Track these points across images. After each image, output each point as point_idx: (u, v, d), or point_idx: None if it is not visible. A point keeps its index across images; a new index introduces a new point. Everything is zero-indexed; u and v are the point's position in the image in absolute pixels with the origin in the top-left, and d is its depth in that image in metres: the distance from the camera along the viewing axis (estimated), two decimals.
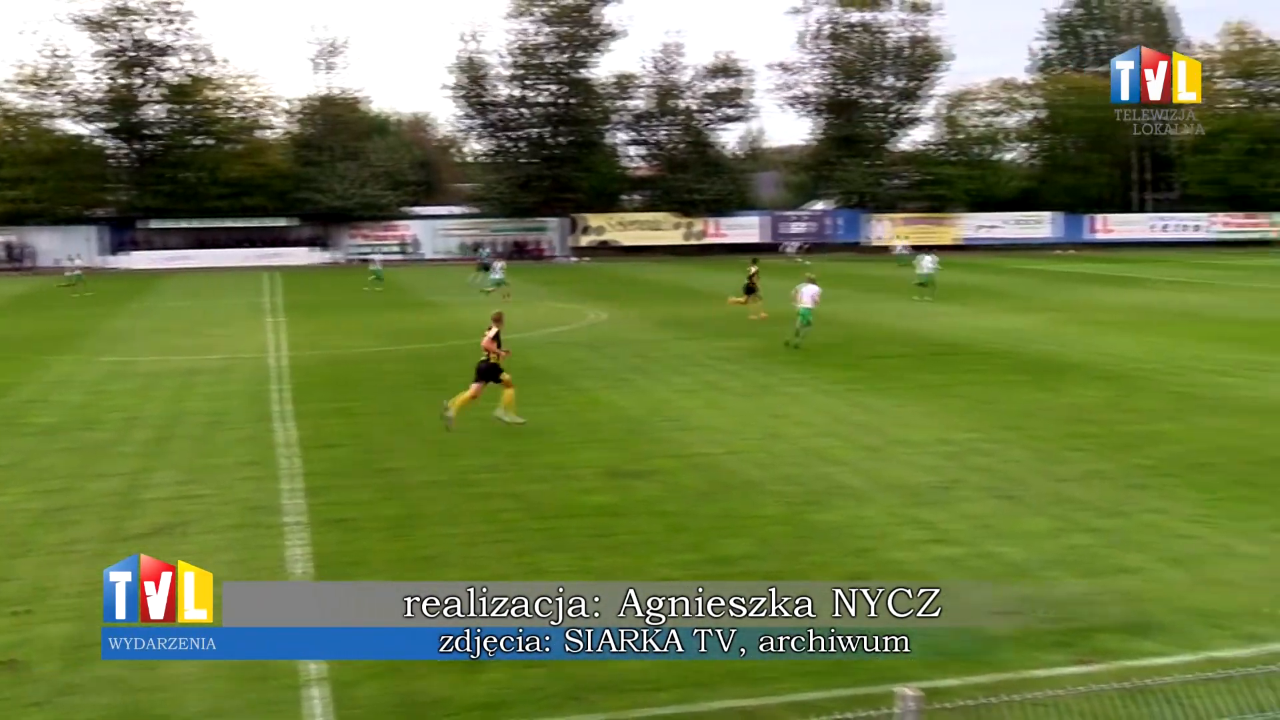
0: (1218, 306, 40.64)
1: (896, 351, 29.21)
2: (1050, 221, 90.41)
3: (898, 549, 12.66)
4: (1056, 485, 15.34)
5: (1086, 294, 47.25)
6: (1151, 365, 26.19)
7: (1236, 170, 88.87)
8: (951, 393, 22.77)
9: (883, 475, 16.02)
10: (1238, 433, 18.54)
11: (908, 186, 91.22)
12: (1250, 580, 11.50)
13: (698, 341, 31.79)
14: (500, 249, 59.75)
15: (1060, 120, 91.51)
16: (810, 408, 21.37)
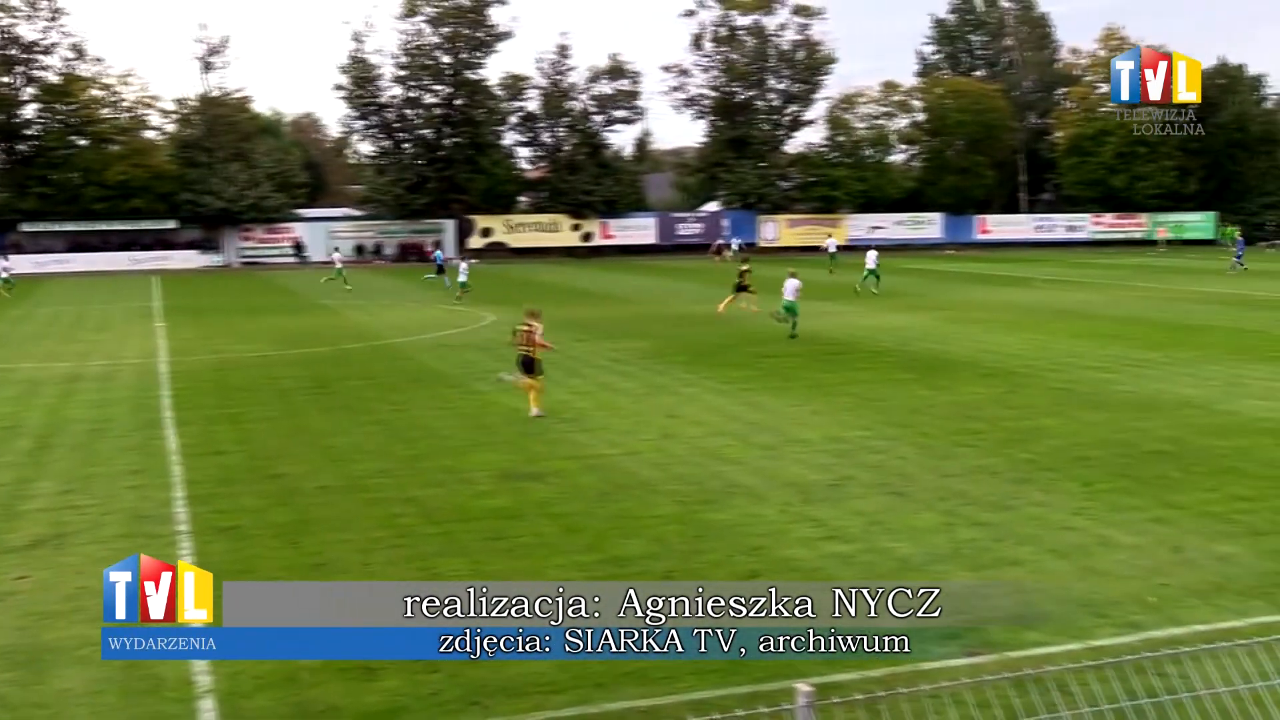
0: (1095, 305, 41.82)
1: (789, 351, 29.53)
2: (936, 222, 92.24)
3: (791, 546, 12.79)
4: (944, 481, 15.63)
5: (971, 293, 48.28)
6: (1034, 362, 26.85)
7: (1112, 173, 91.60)
8: (843, 391, 23.08)
9: (776, 474, 16.17)
10: (1116, 427, 19.09)
11: (798, 188, 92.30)
12: (1129, 570, 11.84)
13: (592, 343, 31.79)
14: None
15: (943, 123, 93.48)
16: (704, 407, 21.49)
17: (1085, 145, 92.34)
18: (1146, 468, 16.24)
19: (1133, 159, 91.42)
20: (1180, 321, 35.63)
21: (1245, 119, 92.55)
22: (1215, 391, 22.49)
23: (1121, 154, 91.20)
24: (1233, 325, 34.31)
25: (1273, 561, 12.02)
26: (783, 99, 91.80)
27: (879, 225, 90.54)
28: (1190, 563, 12.05)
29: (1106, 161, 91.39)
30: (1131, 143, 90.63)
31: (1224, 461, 16.55)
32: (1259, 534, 13.00)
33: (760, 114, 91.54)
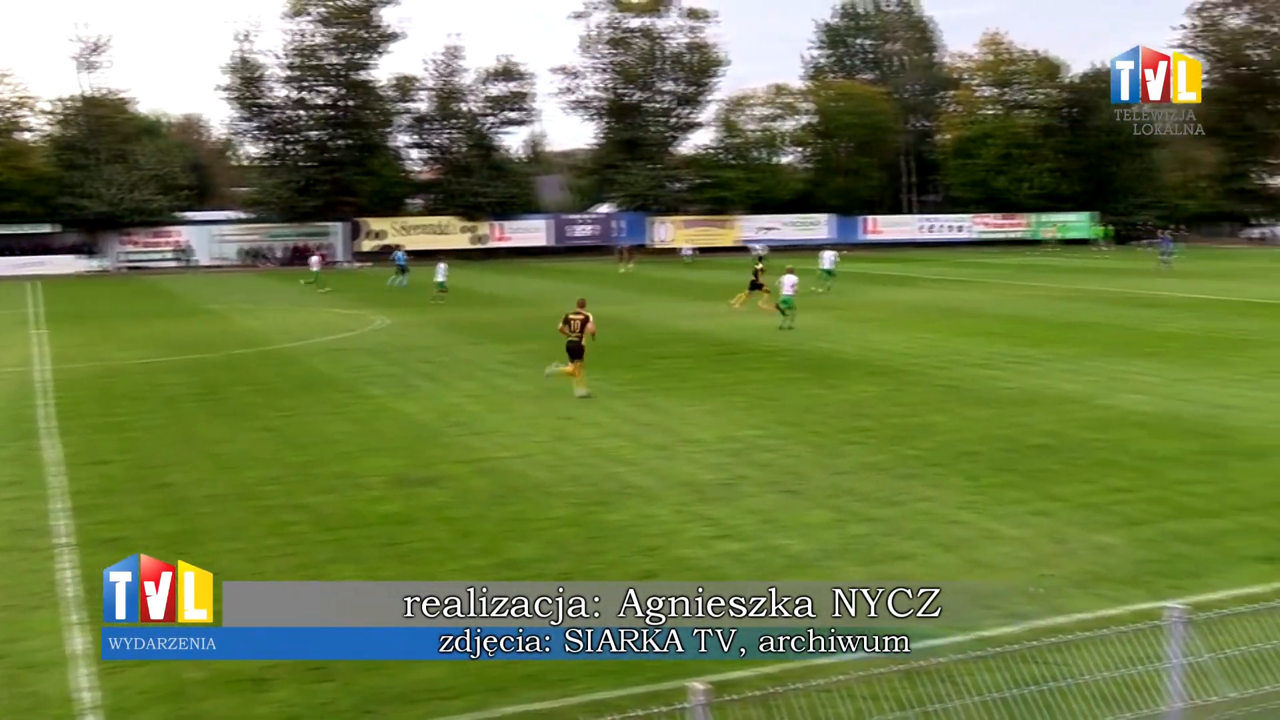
0: (980, 303, 42.76)
1: (682, 352, 29.68)
2: (826, 223, 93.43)
3: (686, 546, 12.86)
4: (835, 478, 15.86)
5: (861, 293, 49.02)
6: (921, 360, 27.36)
7: (994, 174, 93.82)
8: (735, 391, 23.27)
9: (670, 474, 16.25)
10: (1000, 422, 19.55)
11: (690, 189, 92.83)
12: (1013, 562, 12.13)
13: (485, 346, 31.62)
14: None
15: (832, 125, 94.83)
16: (598, 409, 21.50)
17: (968, 147, 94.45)
18: (1029, 462, 16.65)
19: (1014, 161, 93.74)
20: (1061, 319, 36.60)
21: (1120, 122, 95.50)
22: (1094, 387, 23.14)
23: (1003, 156, 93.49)
24: (1111, 322, 35.34)
25: (1148, 550, 12.41)
26: (674, 101, 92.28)
27: (770, 226, 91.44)
28: (1071, 553, 12.38)
29: (989, 163, 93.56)
30: (1012, 144, 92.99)
31: (1102, 454, 17.04)
32: (1135, 524, 13.41)
33: (652, 116, 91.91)
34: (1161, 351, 28.23)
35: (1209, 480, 15.38)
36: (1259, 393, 22.10)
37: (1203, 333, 32.19)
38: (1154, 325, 34.32)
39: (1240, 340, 30.30)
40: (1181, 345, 29.40)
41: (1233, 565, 11.91)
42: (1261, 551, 12.32)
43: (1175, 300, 42.38)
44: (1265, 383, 23.31)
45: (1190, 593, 10.94)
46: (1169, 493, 14.77)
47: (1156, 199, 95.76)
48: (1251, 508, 14.02)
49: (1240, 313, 37.76)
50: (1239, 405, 20.75)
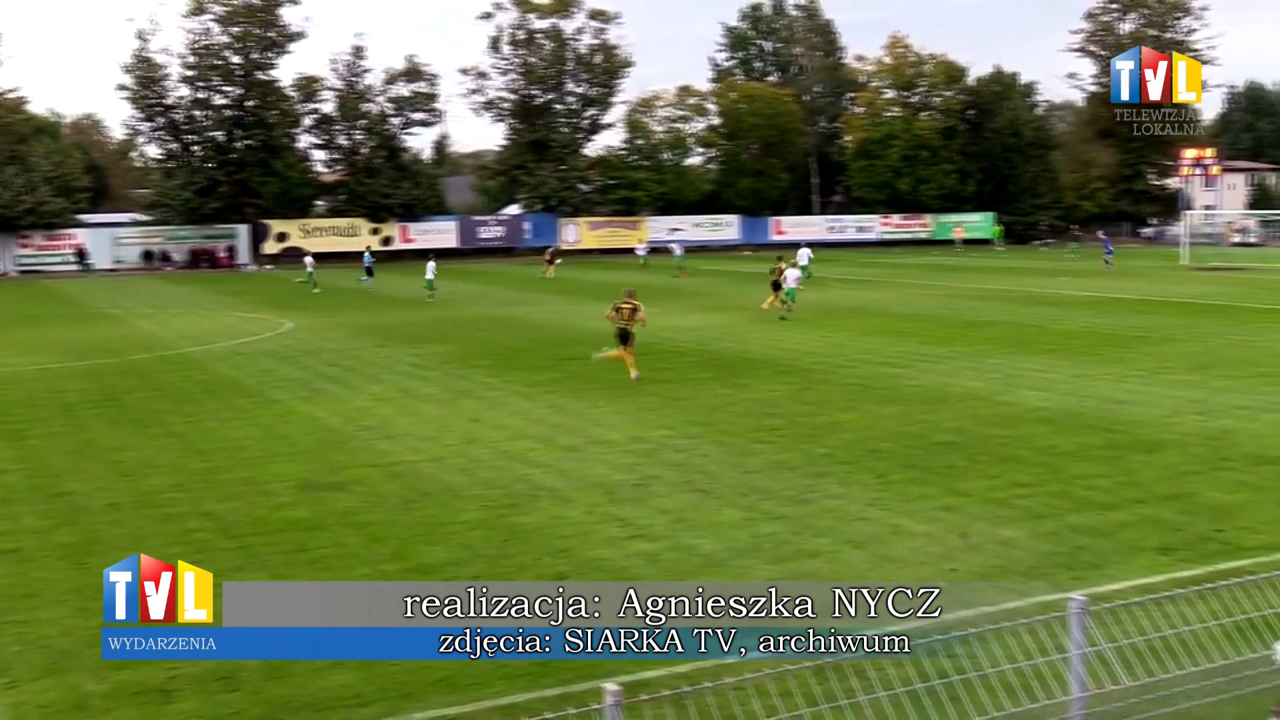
0: (886, 303, 43.37)
1: (589, 353, 29.66)
2: (733, 224, 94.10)
3: (598, 547, 12.86)
4: (745, 477, 15.96)
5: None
6: (829, 359, 27.67)
7: (897, 175, 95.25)
8: (645, 392, 23.33)
9: (581, 475, 16.24)
10: (906, 420, 19.84)
11: (598, 190, 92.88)
12: (920, 557, 12.32)
13: (393, 348, 31.32)
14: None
15: (738, 126, 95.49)
16: (508, 411, 21.42)
17: (872, 149, 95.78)
18: (935, 458, 16.92)
19: (916, 162, 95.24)
20: (964, 317, 37.26)
21: (1019, 124, 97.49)
22: (996, 384, 23.59)
23: (906, 157, 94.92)
24: (1012, 320, 36.07)
25: (1050, 543, 12.68)
26: (581, 102, 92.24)
27: (678, 227, 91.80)
28: (977, 547, 12.61)
29: (893, 164, 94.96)
30: (915, 146, 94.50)
31: (1005, 450, 17.38)
32: (1037, 517, 13.70)
33: (559, 117, 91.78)
34: (1061, 349, 28.87)
35: (1107, 474, 15.76)
36: (1152, 388, 22.71)
37: (1100, 330, 32.99)
38: (1053, 323, 35.09)
39: (1134, 337, 31.11)
40: (1080, 342, 30.10)
41: (1130, 556, 12.22)
42: (1157, 542, 12.66)
43: (1073, 299, 43.38)
44: (1158, 378, 23.97)
45: (1091, 584, 11.19)
46: (1070, 486, 15.11)
47: (1055, 200, 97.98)
48: (1147, 500, 14.40)
49: (1134, 310, 38.77)
50: (1134, 400, 21.31)
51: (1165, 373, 24.64)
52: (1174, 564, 11.90)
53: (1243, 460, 16.42)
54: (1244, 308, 38.70)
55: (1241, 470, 15.84)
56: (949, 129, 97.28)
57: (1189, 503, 14.26)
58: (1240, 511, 13.81)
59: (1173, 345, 29.22)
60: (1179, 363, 26.02)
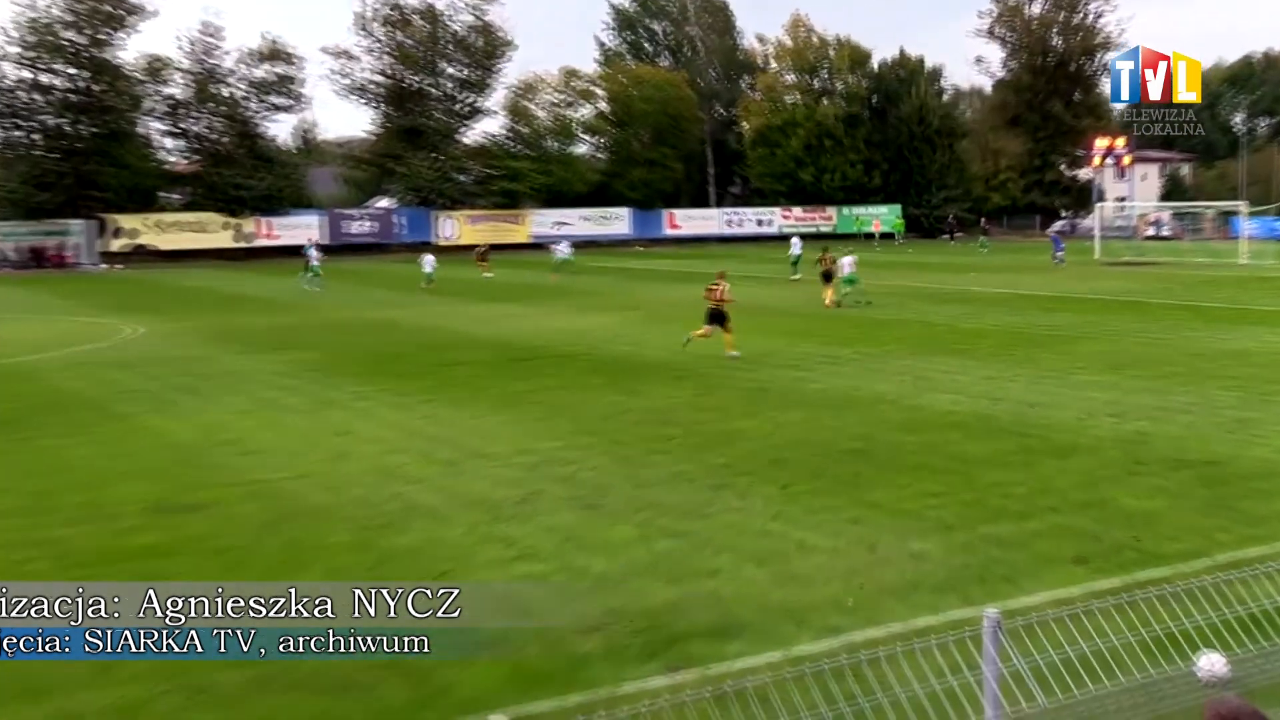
0: (787, 301, 43.83)
1: (471, 358, 29.50)
2: (624, 217, 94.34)
3: (480, 569, 12.75)
4: (640, 491, 15.97)
5: (663, 291, 49.62)
6: (727, 363, 27.84)
7: (799, 165, 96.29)
8: (530, 400, 23.24)
9: (462, 491, 16.11)
10: (810, 426, 20.04)
11: (477, 181, 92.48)
12: (826, 574, 12.43)
13: (253, 355, 30.77)
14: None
15: (628, 113, 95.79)
16: (381, 423, 21.18)
17: (772, 136, 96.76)
18: (842, 467, 17.10)
19: (819, 151, 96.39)
20: (870, 316, 37.80)
21: (925, 111, 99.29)
22: (905, 386, 23.96)
23: (808, 146, 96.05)
24: (920, 319, 36.71)
25: (962, 555, 12.90)
26: (458, 86, 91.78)
27: (564, 221, 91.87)
28: (886, 561, 12.76)
29: (794, 153, 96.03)
30: (818, 134, 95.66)
31: (914, 457, 17.64)
32: (949, 529, 13.92)
33: (435, 102, 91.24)
34: (971, 349, 29.45)
35: (1021, 481, 16.09)
36: (1066, 389, 23.27)
37: (1011, 329, 33.74)
38: (963, 322, 35.78)
39: (1047, 336, 31.87)
40: (991, 342, 30.73)
41: (1045, 568, 12.47)
42: (1072, 552, 12.95)
43: (984, 296, 44.28)
44: (1071, 378, 24.57)
45: (1005, 598, 11.39)
46: (983, 495, 15.38)
47: (964, 191, 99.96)
48: (1062, 508, 14.72)
49: (1046, 307, 39.73)
50: (1047, 402, 21.81)
51: (1079, 373, 25.27)
52: (1090, 575, 12.18)
53: (1159, 464, 16.89)
54: (1157, 304, 39.91)
55: (1158, 475, 16.29)
56: (853, 116, 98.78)
57: (1105, 510, 14.61)
58: (1157, 518, 14.19)
59: (1086, 344, 29.99)
60: (1093, 363, 26.71)
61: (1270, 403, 21.41)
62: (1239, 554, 12.58)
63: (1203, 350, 28.44)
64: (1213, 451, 17.61)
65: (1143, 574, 12.04)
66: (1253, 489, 15.42)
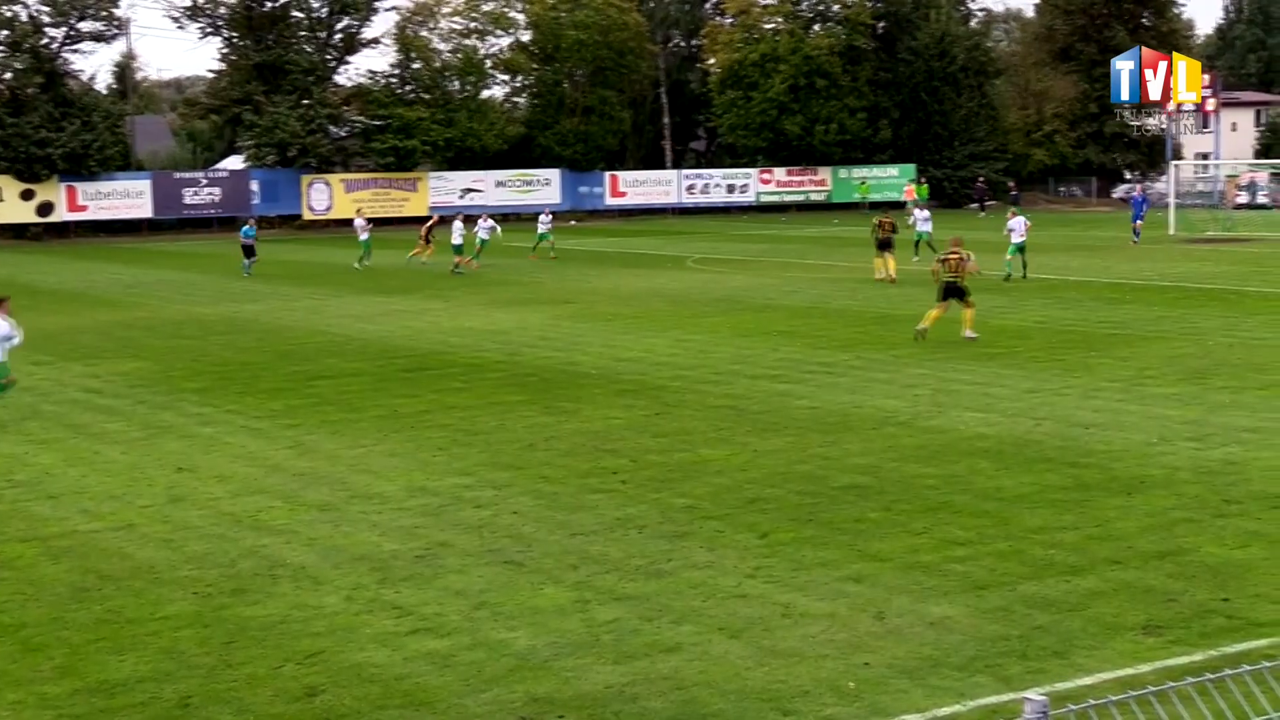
0: (767, 291, 43.95)
1: (350, 368, 29.38)
2: (553, 182, 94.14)
3: (365, 647, 12.71)
4: (575, 541, 15.96)
5: (603, 279, 49.62)
6: (688, 372, 27.89)
7: (784, 113, 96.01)
8: (430, 423, 23.18)
9: (340, 545, 16.05)
10: (797, 455, 20.10)
11: (358, 136, 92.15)
12: (821, 648, 12.48)
13: (57, 366, 30.54)
14: None
15: (558, 45, 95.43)
16: (231, 455, 21.07)
17: (748, 76, 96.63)
18: (838, 509, 17.17)
19: (809, 96, 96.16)
20: (875, 310, 37.99)
21: (948, 42, 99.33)
22: (921, 403, 24.09)
23: (795, 88, 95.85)
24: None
25: (997, 623, 12.99)
26: (331, 9, 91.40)
27: (474, 187, 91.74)
28: (897, 632, 12.84)
29: (776, 98, 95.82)
30: (807, 73, 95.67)
31: (934, 495, 17.74)
32: (980, 588, 14.02)
33: (300, 30, 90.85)
34: (1008, 352, 29.67)
35: (1073, 525, 16.21)
36: (1131, 405, 23.48)
37: (1060, 326, 34.00)
38: (997, 317, 36.00)
39: (1106, 336, 32.16)
40: (1034, 344, 30.97)
41: (1106, 638, 12.58)
42: (1141, 618, 13.06)
43: (1024, 283, 44.61)
44: (1137, 391, 24.80)
45: (1054, 678, 11.49)
46: (1022, 544, 15.49)
47: (997, 146, 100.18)
48: (1127, 559, 14.86)
49: (1105, 298, 40.09)
50: (1106, 423, 21.99)
51: (1148, 384, 25.51)
52: (1165, 647, 12.30)
53: (1253, 502, 17.08)
54: (1251, 293, 40.38)
55: (1252, 516, 16.47)
56: (853, 49, 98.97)
57: (1183, 562, 14.76)
58: (1250, 572, 14.35)
59: (1157, 346, 30.29)
60: (1166, 370, 26.97)
61: None
62: None
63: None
64: None
65: (1233, 647, 12.18)
66: None
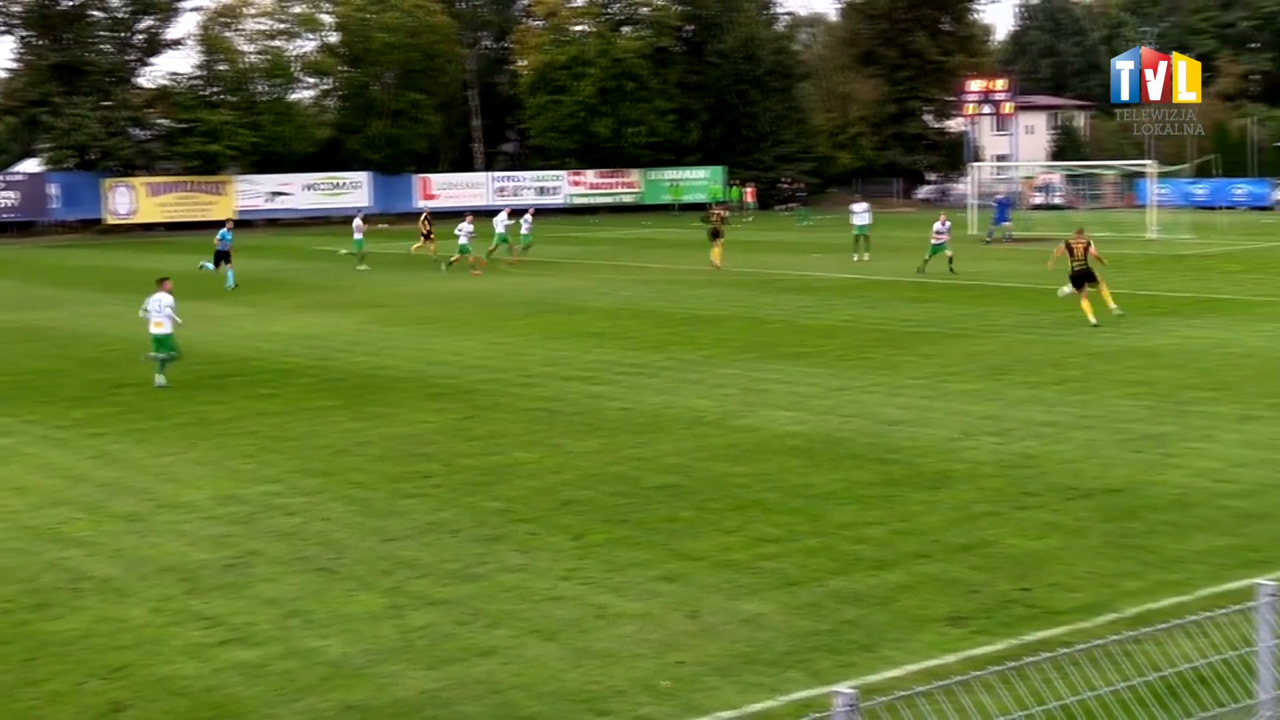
0: (578, 293, 44.07)
1: (150, 377, 28.89)
2: (363, 185, 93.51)
3: (174, 659, 12.50)
4: (387, 547, 15.86)
5: (411, 282, 49.35)
6: (501, 375, 27.87)
7: (594, 115, 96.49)
8: (238, 429, 22.90)
9: (147, 556, 15.78)
10: (610, 456, 20.19)
11: (161, 139, 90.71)
12: (636, 647, 12.54)
13: None
14: None
15: (367, 47, 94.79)
16: (31, 466, 20.61)
17: (557, 79, 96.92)
18: (651, 508, 17.27)
19: (619, 98, 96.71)
20: (686, 311, 38.28)
21: (754, 45, 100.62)
22: (732, 402, 24.33)
23: (605, 91, 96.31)
24: (751, 314, 37.33)
25: (808, 619, 13.16)
26: (132, 9, 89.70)
27: (283, 190, 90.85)
28: (711, 630, 12.94)
29: (586, 100, 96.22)
30: (616, 75, 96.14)
31: (746, 493, 17.92)
32: (790, 585, 14.18)
33: (99, 30, 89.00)
34: (816, 351, 30.08)
35: (880, 520, 16.49)
36: (935, 401, 23.95)
37: (867, 325, 34.56)
38: (806, 317, 36.52)
39: (911, 334, 32.77)
40: (841, 343, 31.43)
41: (913, 630, 12.81)
42: (946, 610, 13.32)
43: (831, 283, 45.29)
44: (942, 387, 25.31)
45: (863, 671, 11.68)
46: (832, 540, 15.72)
47: (804, 148, 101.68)
48: (932, 553, 15.15)
49: (909, 297, 40.84)
50: (912, 420, 22.41)
51: (951, 380, 26.03)
52: (969, 638, 12.56)
53: (1051, 494, 17.52)
54: (1050, 290, 41.38)
55: (1050, 508, 16.89)
56: (662, 52, 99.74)
57: (986, 554, 15.09)
58: (1050, 562, 14.72)
59: (960, 343, 30.94)
60: (969, 367, 27.56)
61: (1185, 414, 22.41)
62: (1150, 605, 13.15)
63: (1103, 349, 29.62)
64: (1116, 477, 18.34)
65: (1033, 635, 12.48)
66: (1165, 523, 16.13)
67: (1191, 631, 8.39)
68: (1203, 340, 30.57)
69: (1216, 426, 21.35)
